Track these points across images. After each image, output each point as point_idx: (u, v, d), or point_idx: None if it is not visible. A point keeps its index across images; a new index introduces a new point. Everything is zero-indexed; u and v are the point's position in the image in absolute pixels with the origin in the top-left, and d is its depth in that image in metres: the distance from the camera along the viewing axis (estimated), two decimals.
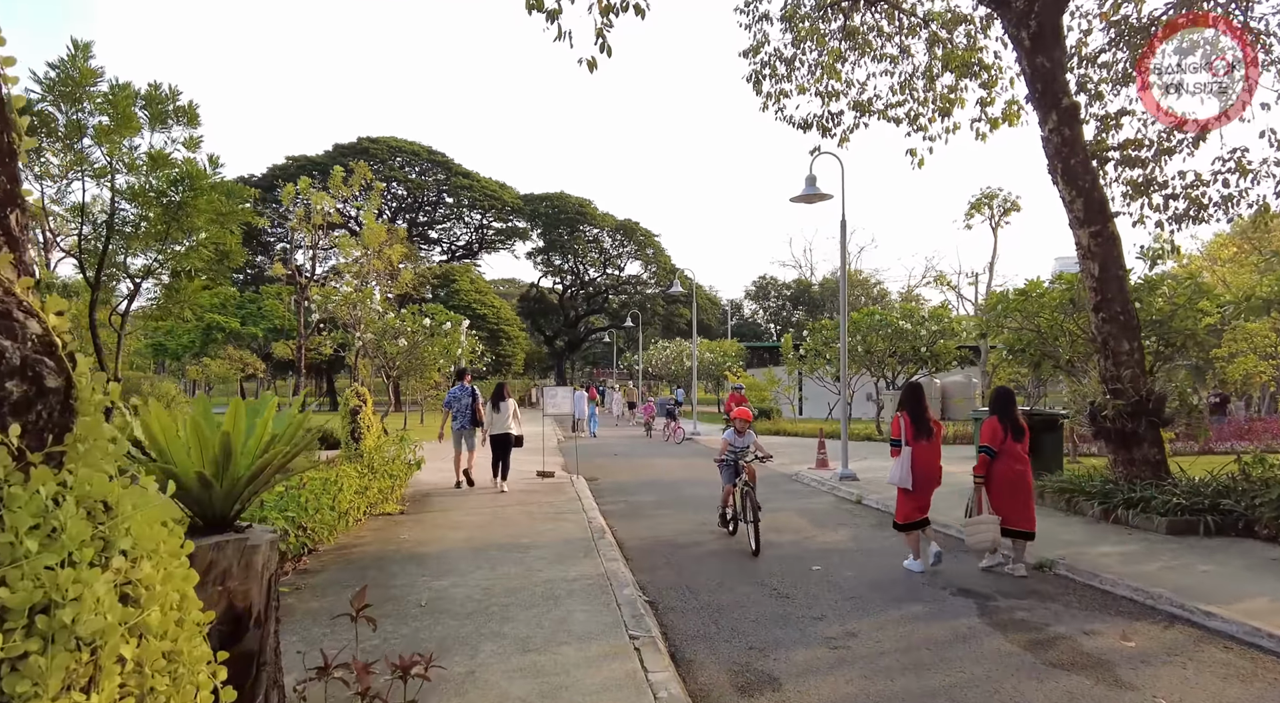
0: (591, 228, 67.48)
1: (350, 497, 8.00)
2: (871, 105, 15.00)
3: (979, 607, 5.74)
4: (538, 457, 15.36)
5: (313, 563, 6.76)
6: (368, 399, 9.96)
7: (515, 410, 11.72)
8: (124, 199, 9.38)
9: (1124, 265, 8.97)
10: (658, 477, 14.11)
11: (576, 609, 5.39)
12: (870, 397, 27.10)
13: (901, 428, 6.76)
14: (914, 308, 24.18)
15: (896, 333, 22.92)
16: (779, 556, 7.49)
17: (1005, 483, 6.51)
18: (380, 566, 6.71)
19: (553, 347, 73.50)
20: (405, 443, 10.72)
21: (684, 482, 13.24)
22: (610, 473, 14.69)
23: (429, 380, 28.02)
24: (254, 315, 41.16)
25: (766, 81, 14.94)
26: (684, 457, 17.94)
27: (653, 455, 18.55)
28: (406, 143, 60.59)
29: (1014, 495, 6.51)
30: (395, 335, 22.38)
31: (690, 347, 44.08)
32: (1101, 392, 9.09)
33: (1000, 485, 6.52)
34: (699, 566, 7.11)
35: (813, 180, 12.93)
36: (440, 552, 7.24)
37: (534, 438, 20.21)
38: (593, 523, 8.74)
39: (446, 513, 9.52)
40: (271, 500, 6.12)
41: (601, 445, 21.58)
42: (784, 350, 28.90)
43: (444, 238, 67.57)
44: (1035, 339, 17.42)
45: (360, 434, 9.53)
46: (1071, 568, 6.64)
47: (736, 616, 5.56)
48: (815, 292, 74.65)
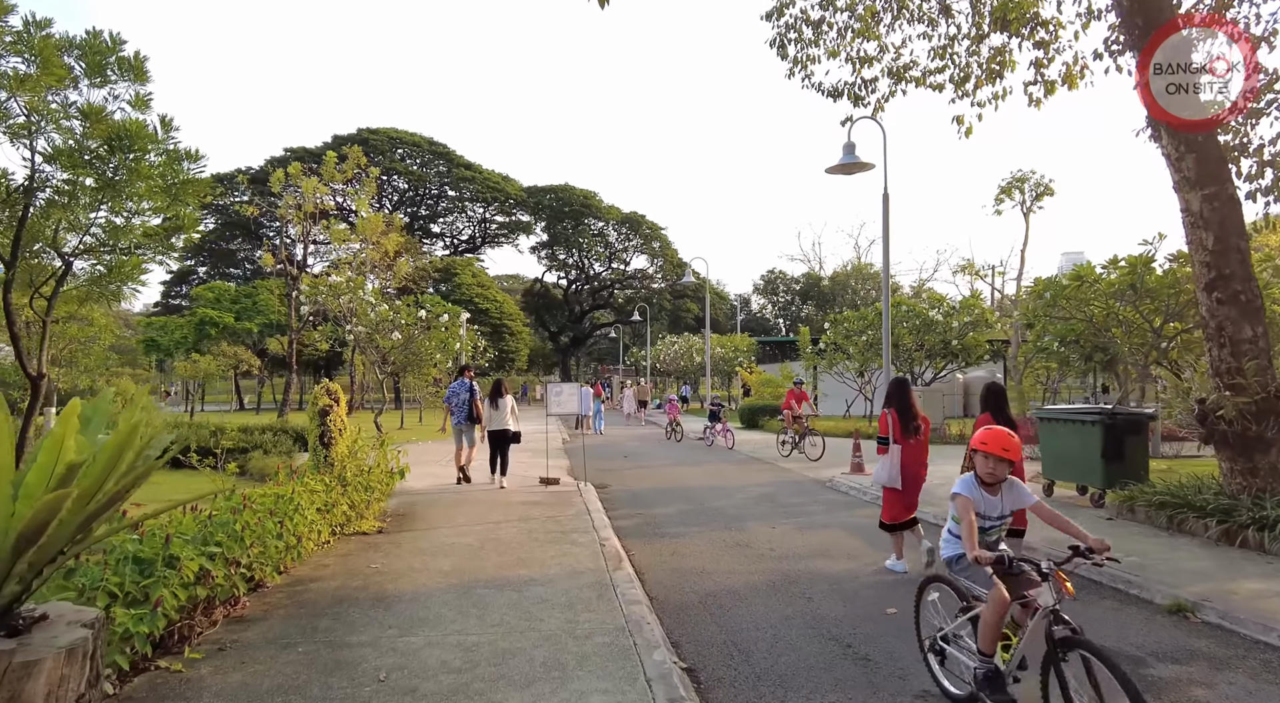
0: (596, 221, 65.99)
1: (311, 517, 6.56)
2: (907, 72, 13.47)
3: (1142, 681, 4.25)
4: (541, 459, 13.93)
5: (253, 606, 5.32)
6: (341, 398, 8.52)
7: (513, 407, 11.66)
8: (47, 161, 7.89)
9: (1245, 234, 7.45)
10: (675, 483, 12.64)
11: (591, 690, 3.92)
12: None
13: (889, 425, 6.60)
14: (942, 298, 22.62)
15: (925, 325, 21.40)
16: (838, 591, 6.02)
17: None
18: (338, 612, 5.26)
19: (557, 343, 72.09)
20: (386, 448, 9.26)
21: (705, 489, 11.77)
22: (622, 479, 13.22)
23: (427, 377, 26.60)
24: (249, 310, 39.83)
25: (792, 46, 13.43)
26: (702, 460, 16.47)
27: (666, 458, 17.08)
28: (407, 134, 59.16)
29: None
30: (389, 329, 20.94)
31: (698, 341, 42.62)
32: (1215, 387, 7.58)
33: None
34: (743, 608, 5.64)
35: (851, 148, 11.43)
36: (416, 591, 5.78)
37: (537, 438, 18.78)
38: (606, 547, 7.28)
39: (432, 532, 8.07)
40: (191, 530, 4.68)
41: (610, 446, 20.12)
42: (801, 345, 27.41)
43: (446, 232, 66.24)
44: (1087, 330, 15.91)
45: (331, 439, 8.08)
46: (1228, 616, 5.15)
47: (808, 690, 4.09)
48: (825, 285, 72.98)
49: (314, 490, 6.99)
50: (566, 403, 12.58)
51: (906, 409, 6.64)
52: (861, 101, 13.34)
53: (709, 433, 19.42)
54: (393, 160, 57.36)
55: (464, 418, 11.67)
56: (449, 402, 12.02)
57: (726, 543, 7.84)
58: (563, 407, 12.56)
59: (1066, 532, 3.56)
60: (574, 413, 29.08)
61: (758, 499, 10.77)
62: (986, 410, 6.46)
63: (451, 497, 10.50)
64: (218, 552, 4.68)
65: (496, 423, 11.42)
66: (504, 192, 61.42)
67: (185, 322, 38.63)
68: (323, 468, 7.86)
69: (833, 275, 74.47)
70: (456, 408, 11.77)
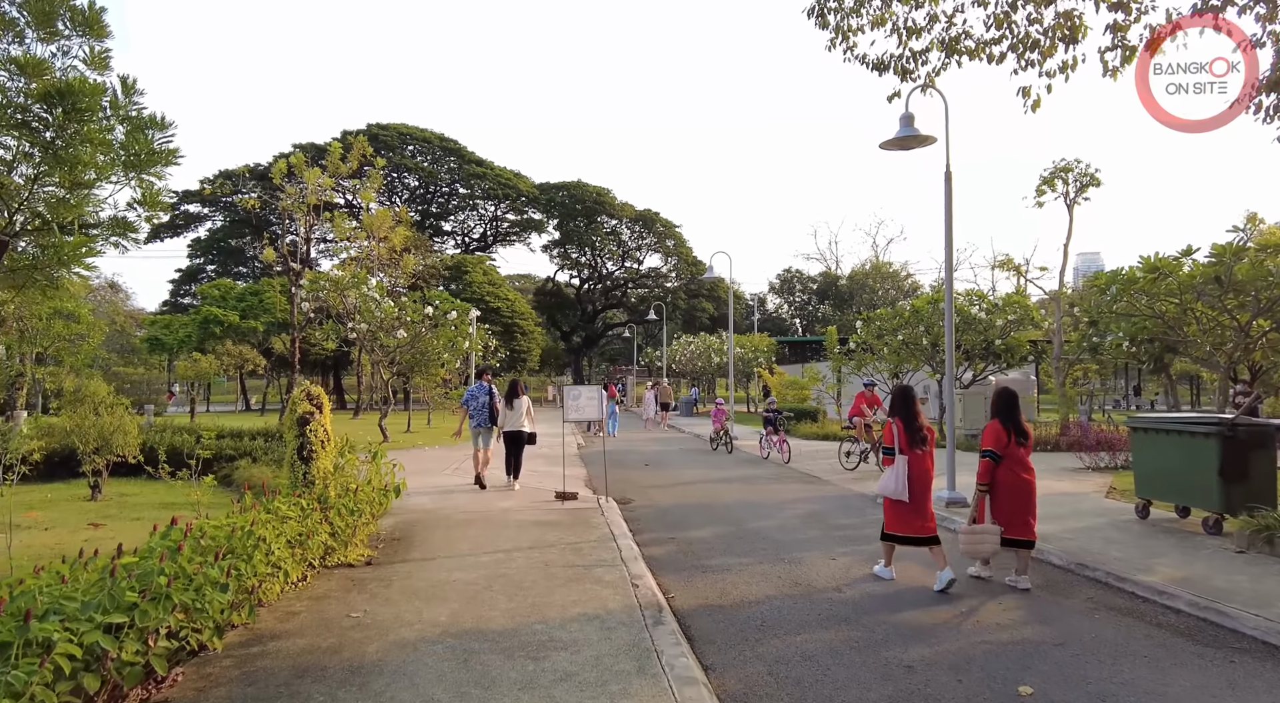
0: (610, 219, 64.74)
1: (279, 555, 5.29)
2: (960, 42, 12.10)
3: None
4: (556, 467, 12.66)
5: (186, 683, 4.05)
6: (325, 403, 7.26)
7: (529, 408, 11.50)
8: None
9: None
10: (705, 498, 11.31)
11: None
12: (922, 396, 24.33)
13: (895, 435, 6.38)
14: (983, 294, 21.12)
15: (966, 322, 19.94)
16: (942, 656, 4.67)
17: (1009, 490, 6.25)
18: (297, 690, 3.98)
19: (569, 343, 70.91)
20: (380, 460, 7.99)
21: (740, 507, 10.43)
22: (645, 492, 11.90)
23: (435, 377, 25.40)
24: (255, 308, 38.82)
25: (833, 15, 12.10)
26: (726, 467, 15.11)
27: (689, 466, 15.73)
28: (417, 130, 58.10)
29: (1016, 503, 6.25)
30: (393, 327, 19.74)
31: (715, 341, 41.26)
32: None
33: (1004, 493, 6.25)
34: (828, 684, 4.31)
35: (909, 119, 10.04)
36: (403, 658, 4.47)
37: (551, 442, 17.53)
38: (639, 588, 5.96)
39: (430, 564, 6.79)
40: (86, 591, 3.42)
41: (628, 452, 18.81)
42: (828, 344, 25.99)
43: (458, 230, 65.20)
44: (1160, 328, 14.44)
45: (311, 453, 6.83)
46: None
47: None
48: (844, 284, 71.36)
49: (285, 517, 5.73)
50: (586, 408, 11.26)
51: (911, 419, 6.39)
52: (910, 75, 11.98)
53: (765, 443, 16.74)
54: (403, 156, 56.35)
55: (485, 420, 11.53)
56: (467, 405, 11.79)
57: (782, 581, 6.51)
58: (581, 413, 11.25)
59: None
60: (595, 419, 27.95)
61: (804, 521, 9.42)
62: (996, 417, 6.31)
63: (458, 516, 9.23)
64: (125, 621, 3.41)
65: (512, 424, 11.26)
66: (516, 188, 60.25)
67: (189, 320, 37.68)
68: (300, 487, 6.61)
69: (851, 274, 72.84)
70: (475, 411, 11.58)
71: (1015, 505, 6.22)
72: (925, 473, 6.34)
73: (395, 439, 20.21)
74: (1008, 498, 6.23)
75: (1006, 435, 6.24)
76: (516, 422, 11.21)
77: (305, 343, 35.40)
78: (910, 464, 6.29)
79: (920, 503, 6.29)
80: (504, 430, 11.30)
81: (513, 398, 11.26)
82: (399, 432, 22.90)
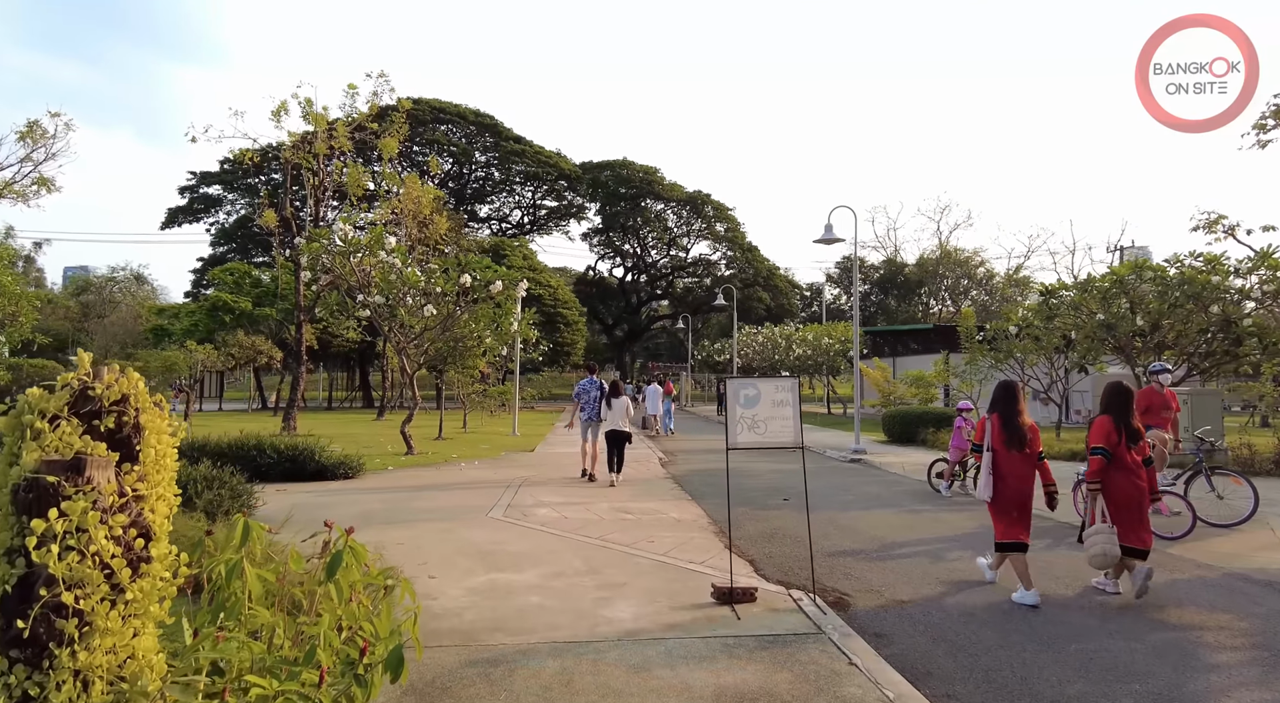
0: (655, 203, 59.81)
1: None
2: None
3: None
4: (652, 497, 7.66)
5: None
6: (148, 412, 2.29)
7: (628, 407, 11.65)
8: None
9: None
10: (984, 594, 6.14)
11: None
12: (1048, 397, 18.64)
13: (987, 432, 5.82)
14: (1216, 257, 15.51)
15: (1189, 295, 14.44)
16: None
17: (1119, 495, 5.56)
18: None
19: (612, 336, 66.14)
20: (384, 583, 2.98)
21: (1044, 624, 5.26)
22: (863, 575, 6.75)
23: (472, 370, 20.53)
24: (270, 294, 34.59)
25: None
26: (940, 512, 9.86)
27: (860, 505, 10.55)
28: (451, 105, 53.58)
29: (1128, 509, 5.57)
30: (420, 301, 14.88)
31: (789, 331, 35.94)
32: None
33: (1112, 497, 5.58)
34: None
35: None
36: None
37: (633, 462, 12.58)
38: None
39: None
40: None
41: (717, 467, 13.62)
42: (964, 331, 20.53)
43: (493, 216, 60.77)
44: None
45: (57, 616, 1.86)
46: None
47: None
48: (911, 271, 65.28)
49: None
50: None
51: (1013, 417, 5.78)
52: None
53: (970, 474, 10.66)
54: (435, 133, 51.99)
55: (594, 414, 11.72)
56: (578, 398, 12.06)
57: None
58: None
59: None
60: (653, 415, 22.80)
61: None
62: (1108, 413, 5.68)
63: (531, 663, 4.21)
64: None
65: (611, 423, 11.42)
66: (557, 168, 55.49)
67: (197, 307, 33.61)
68: None
69: (918, 261, 66.65)
70: (587, 404, 11.85)
71: (1128, 512, 5.54)
72: (1020, 476, 5.69)
73: (422, 449, 15.39)
74: (1119, 503, 5.54)
75: (1118, 435, 5.63)
76: (616, 421, 11.40)
77: (326, 333, 30.91)
78: (1002, 463, 5.72)
79: (1012, 506, 5.66)
80: (605, 430, 11.46)
81: (613, 397, 11.56)
82: (427, 438, 18.10)
